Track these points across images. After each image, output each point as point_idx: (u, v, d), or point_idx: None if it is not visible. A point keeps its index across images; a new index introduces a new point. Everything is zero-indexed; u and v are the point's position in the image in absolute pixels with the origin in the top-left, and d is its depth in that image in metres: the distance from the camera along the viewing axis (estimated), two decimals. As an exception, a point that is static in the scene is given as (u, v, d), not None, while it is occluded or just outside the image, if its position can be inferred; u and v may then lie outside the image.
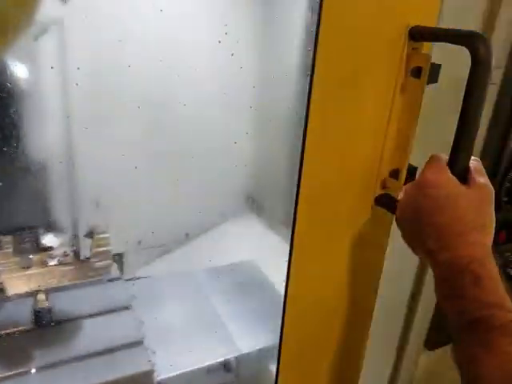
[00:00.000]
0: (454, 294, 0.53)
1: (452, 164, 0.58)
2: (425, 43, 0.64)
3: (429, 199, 0.56)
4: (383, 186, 0.69)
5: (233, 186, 1.14)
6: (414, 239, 0.59)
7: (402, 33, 0.61)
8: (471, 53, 0.55)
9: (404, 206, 0.60)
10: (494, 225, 0.56)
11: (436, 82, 0.64)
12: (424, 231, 0.56)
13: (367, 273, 0.77)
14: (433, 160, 0.59)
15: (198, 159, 0.96)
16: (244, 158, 1.02)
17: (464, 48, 0.55)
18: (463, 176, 0.58)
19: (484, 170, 0.59)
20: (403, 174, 0.69)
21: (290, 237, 0.67)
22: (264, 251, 1.03)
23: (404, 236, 0.61)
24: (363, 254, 0.74)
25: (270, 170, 1.06)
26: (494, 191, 0.58)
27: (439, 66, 0.63)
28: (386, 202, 0.68)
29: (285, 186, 0.98)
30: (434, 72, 0.63)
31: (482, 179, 0.58)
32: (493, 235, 0.56)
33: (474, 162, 0.59)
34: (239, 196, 1.16)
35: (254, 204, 1.17)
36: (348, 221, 0.70)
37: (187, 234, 1.02)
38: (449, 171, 0.57)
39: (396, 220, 0.63)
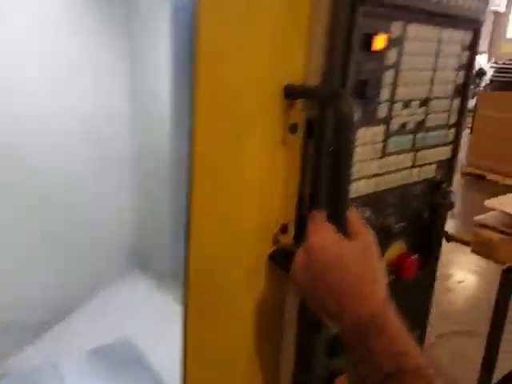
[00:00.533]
0: (364, 354, 0.52)
1: (331, 219, 0.59)
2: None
3: (318, 264, 0.56)
4: (275, 242, 0.68)
5: (111, 243, 1.03)
6: (315, 305, 0.58)
7: (277, 92, 0.61)
8: (334, 110, 0.57)
9: (298, 274, 0.59)
10: (383, 273, 0.58)
11: (310, 137, 0.65)
12: (321, 296, 0.55)
13: (270, 335, 0.74)
14: (314, 221, 0.59)
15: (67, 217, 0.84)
16: (123, 212, 0.93)
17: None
18: (343, 228, 0.59)
19: (360, 217, 0.61)
20: (292, 228, 0.68)
21: (180, 298, 0.61)
22: (146, 322, 0.94)
23: (307, 303, 0.60)
24: (263, 318, 0.71)
25: (155, 226, 0.98)
26: (374, 237, 0.60)
27: (315, 120, 0.64)
28: (277, 258, 0.67)
29: (172, 245, 0.91)
30: (310, 127, 0.64)
31: (362, 228, 0.59)
32: (385, 284, 0.57)
33: (351, 213, 0.61)
34: (119, 254, 1.05)
35: (138, 261, 1.07)
36: (245, 282, 0.67)
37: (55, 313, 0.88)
38: (331, 229, 0.58)
39: (296, 289, 0.62)
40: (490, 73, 10.00)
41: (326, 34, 0.62)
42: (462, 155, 6.09)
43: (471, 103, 7.56)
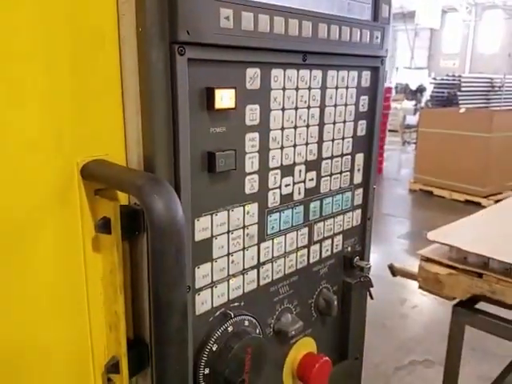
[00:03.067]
0: None
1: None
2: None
3: None
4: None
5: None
6: None
7: (70, 173, 0.41)
8: (143, 209, 0.36)
9: None
10: None
11: (131, 237, 0.44)
12: None
13: None
14: None
15: None
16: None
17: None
18: None
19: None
20: (125, 363, 0.46)
21: None
22: None
23: None
24: None
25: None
26: None
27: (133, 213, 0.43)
28: None
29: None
30: (130, 222, 0.43)
31: None
32: None
33: None
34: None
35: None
36: None
37: None
38: None
39: None
40: (430, 88, 10.32)
41: (144, 91, 0.42)
42: (409, 172, 6.12)
43: (415, 120, 7.67)
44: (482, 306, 1.65)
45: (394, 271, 2.18)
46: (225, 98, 0.46)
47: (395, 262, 2.08)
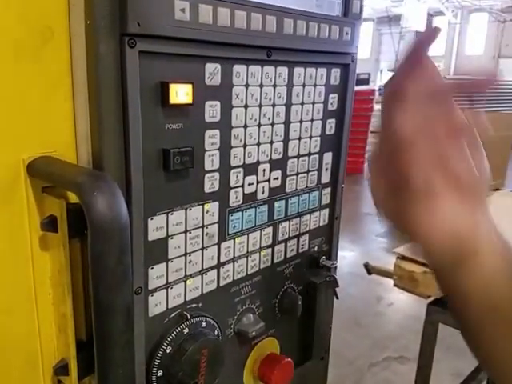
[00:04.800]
0: None
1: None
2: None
3: None
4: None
5: None
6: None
7: (17, 171, 0.38)
8: (83, 207, 0.34)
9: None
10: None
11: (77, 236, 0.42)
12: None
13: None
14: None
15: None
16: None
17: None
18: None
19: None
20: (74, 366, 0.44)
21: None
22: None
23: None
24: None
25: None
26: None
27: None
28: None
29: None
30: (76, 220, 0.41)
31: None
32: None
33: None
34: None
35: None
36: None
37: None
38: None
39: None
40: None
41: (92, 85, 0.40)
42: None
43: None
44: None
45: (369, 269, 2.19)
46: (180, 94, 0.44)
47: (373, 260, 2.08)
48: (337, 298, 0.69)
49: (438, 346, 1.66)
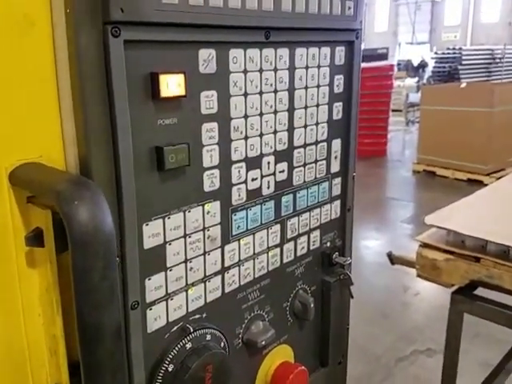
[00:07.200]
0: None
1: None
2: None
3: None
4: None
5: None
6: None
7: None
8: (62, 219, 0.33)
9: None
10: None
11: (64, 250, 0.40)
12: None
13: None
14: None
15: None
16: None
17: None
18: None
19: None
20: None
21: None
22: None
23: None
24: None
25: None
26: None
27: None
28: None
29: None
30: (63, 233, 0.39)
31: None
32: None
33: None
34: None
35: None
36: None
37: None
38: None
39: None
40: (432, 64, 10.25)
41: (75, 80, 0.38)
42: (413, 152, 6.10)
43: (418, 97, 7.65)
44: (483, 292, 1.65)
45: (392, 259, 2.17)
46: (172, 85, 0.42)
47: (398, 249, 2.07)
48: (351, 297, 0.68)
49: (464, 334, 1.65)
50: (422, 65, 11.70)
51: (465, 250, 1.69)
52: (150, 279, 0.44)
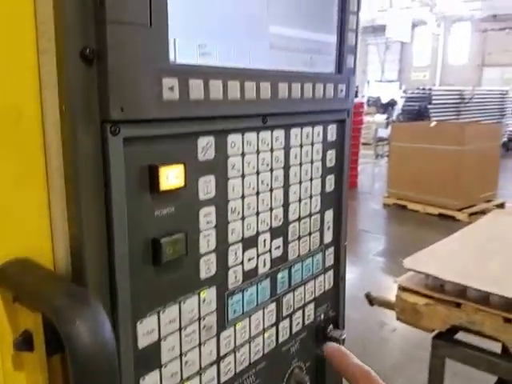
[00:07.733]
0: None
1: None
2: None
3: None
4: None
5: None
6: None
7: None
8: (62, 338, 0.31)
9: None
10: None
11: (56, 352, 0.38)
12: None
13: None
14: None
15: None
16: None
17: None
18: None
19: None
20: None
21: None
22: None
23: None
24: None
25: None
26: None
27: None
28: None
29: None
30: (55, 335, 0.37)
31: None
32: None
33: None
34: None
35: None
36: None
37: None
38: None
39: None
40: (401, 102, 10.63)
41: (69, 178, 0.37)
42: (382, 185, 6.24)
43: (387, 133, 7.92)
44: (464, 335, 1.65)
45: (371, 300, 2.17)
46: (171, 177, 0.41)
47: (372, 283, 2.06)
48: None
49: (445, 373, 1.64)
50: (391, 103, 12.12)
51: (444, 294, 1.70)
52: (144, 379, 0.42)
